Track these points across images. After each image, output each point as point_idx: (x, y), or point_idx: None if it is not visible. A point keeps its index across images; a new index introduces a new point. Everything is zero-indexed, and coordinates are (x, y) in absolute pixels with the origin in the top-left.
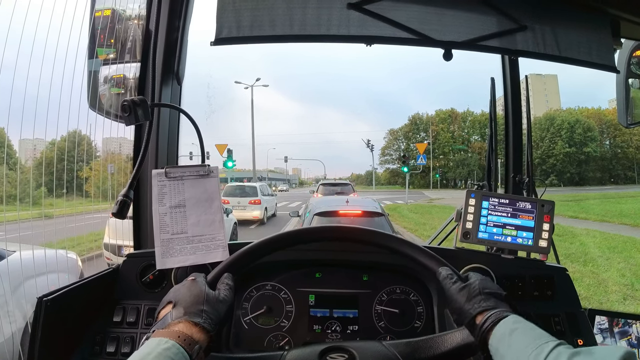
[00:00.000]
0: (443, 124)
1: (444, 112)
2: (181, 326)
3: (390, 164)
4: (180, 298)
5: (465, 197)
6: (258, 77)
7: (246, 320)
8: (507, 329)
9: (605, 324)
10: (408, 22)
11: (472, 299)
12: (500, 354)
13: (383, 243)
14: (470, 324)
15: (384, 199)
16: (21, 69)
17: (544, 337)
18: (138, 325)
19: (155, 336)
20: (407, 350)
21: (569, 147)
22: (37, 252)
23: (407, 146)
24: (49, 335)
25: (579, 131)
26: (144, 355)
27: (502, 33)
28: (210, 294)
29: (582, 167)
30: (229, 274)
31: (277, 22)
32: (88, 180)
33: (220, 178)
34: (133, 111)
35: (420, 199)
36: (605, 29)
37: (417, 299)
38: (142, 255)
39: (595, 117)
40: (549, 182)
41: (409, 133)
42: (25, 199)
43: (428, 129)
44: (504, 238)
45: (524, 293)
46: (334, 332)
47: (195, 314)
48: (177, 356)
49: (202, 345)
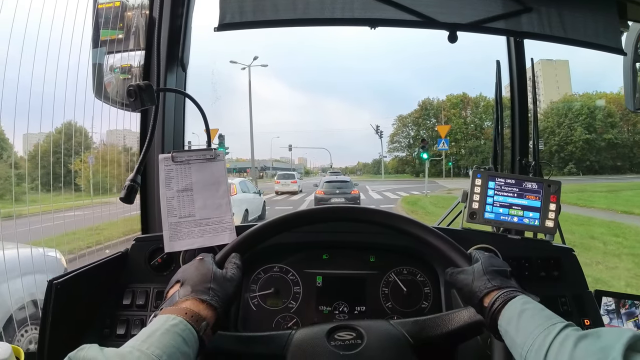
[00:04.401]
0: (455, 109)
1: (455, 97)
2: (189, 303)
3: (399, 151)
4: (188, 277)
5: (471, 177)
6: (256, 56)
7: (254, 302)
8: (515, 310)
9: (612, 305)
10: (412, 4)
11: (477, 279)
12: (510, 336)
13: (389, 223)
14: (478, 305)
15: (396, 189)
16: (25, 63)
17: (552, 318)
18: (147, 308)
19: (163, 313)
20: (414, 329)
21: (589, 133)
22: (9, 252)
23: (417, 133)
24: (60, 318)
25: (600, 117)
26: (151, 332)
27: (508, 15)
28: (217, 273)
29: (601, 154)
30: (236, 254)
31: (280, 6)
32: (79, 173)
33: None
34: (139, 96)
35: (437, 189)
36: (612, 11)
37: (424, 280)
38: (150, 239)
39: (615, 102)
40: (567, 170)
41: (419, 119)
42: (5, 195)
43: (439, 114)
44: (511, 218)
45: (531, 274)
46: (342, 312)
47: (203, 292)
48: (185, 332)
49: (209, 322)
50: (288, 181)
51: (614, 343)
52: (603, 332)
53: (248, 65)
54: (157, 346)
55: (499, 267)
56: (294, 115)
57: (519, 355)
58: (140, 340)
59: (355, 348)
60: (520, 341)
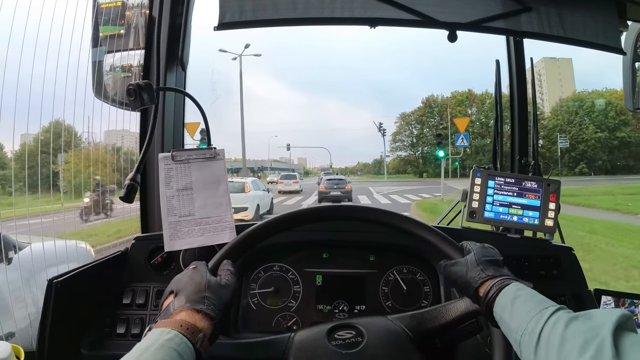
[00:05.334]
0: (460, 107)
1: (460, 94)
2: (184, 315)
3: (401, 150)
4: (181, 287)
5: (471, 176)
6: (247, 44)
7: (254, 301)
8: (509, 297)
9: (612, 304)
10: (412, 4)
11: (471, 270)
12: (505, 322)
13: (383, 220)
14: (474, 295)
15: (404, 192)
16: (25, 63)
17: (545, 302)
18: (147, 307)
19: (158, 327)
20: (412, 323)
21: (601, 131)
22: (48, 243)
23: (421, 131)
24: (60, 317)
25: (612, 114)
26: (145, 348)
27: (507, 14)
28: (211, 280)
29: (614, 154)
30: (228, 260)
31: (280, 5)
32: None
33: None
34: (138, 95)
35: (448, 191)
36: (611, 10)
37: (424, 279)
38: (151, 238)
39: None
40: (578, 170)
41: (423, 117)
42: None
43: (444, 112)
44: (510, 217)
45: (530, 272)
46: (342, 311)
47: (198, 301)
48: (180, 346)
49: (205, 333)
50: (290, 181)
51: (604, 322)
52: (594, 313)
53: (239, 55)
54: None
55: (491, 257)
56: (293, 115)
57: (514, 340)
58: (134, 357)
59: (357, 346)
60: (514, 326)
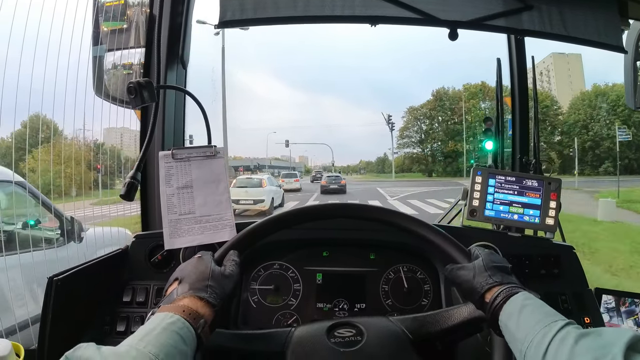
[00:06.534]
0: (474, 100)
1: (473, 86)
2: (186, 301)
3: (409, 147)
4: (186, 274)
5: (471, 175)
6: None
7: (254, 299)
8: (516, 306)
9: (612, 303)
10: (413, 2)
11: (478, 275)
12: (510, 331)
13: (389, 220)
14: (479, 301)
15: (423, 195)
16: (24, 62)
17: (553, 315)
18: (147, 305)
19: (161, 311)
20: (414, 325)
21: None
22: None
23: (430, 126)
24: (60, 315)
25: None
26: (149, 330)
27: (508, 12)
28: (215, 270)
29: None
30: (235, 251)
31: (280, 3)
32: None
33: None
34: (139, 93)
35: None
36: (612, 9)
37: (424, 277)
38: (151, 236)
39: None
40: (603, 169)
41: (433, 111)
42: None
43: (455, 105)
44: (511, 216)
45: (531, 271)
46: (342, 310)
47: (201, 289)
48: (182, 330)
49: (207, 319)
50: (291, 180)
51: (615, 341)
52: (604, 331)
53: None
54: (154, 345)
55: (499, 264)
56: (293, 113)
57: (519, 350)
58: (138, 339)
59: (355, 345)
60: (520, 337)
